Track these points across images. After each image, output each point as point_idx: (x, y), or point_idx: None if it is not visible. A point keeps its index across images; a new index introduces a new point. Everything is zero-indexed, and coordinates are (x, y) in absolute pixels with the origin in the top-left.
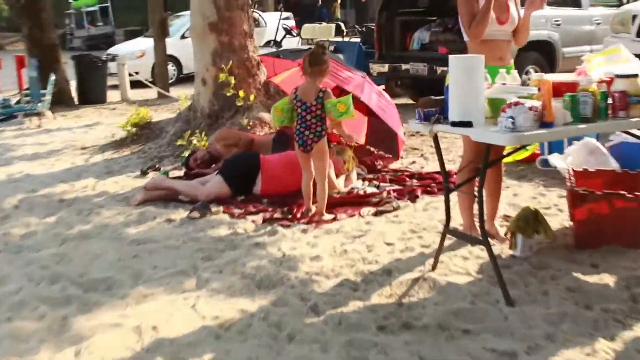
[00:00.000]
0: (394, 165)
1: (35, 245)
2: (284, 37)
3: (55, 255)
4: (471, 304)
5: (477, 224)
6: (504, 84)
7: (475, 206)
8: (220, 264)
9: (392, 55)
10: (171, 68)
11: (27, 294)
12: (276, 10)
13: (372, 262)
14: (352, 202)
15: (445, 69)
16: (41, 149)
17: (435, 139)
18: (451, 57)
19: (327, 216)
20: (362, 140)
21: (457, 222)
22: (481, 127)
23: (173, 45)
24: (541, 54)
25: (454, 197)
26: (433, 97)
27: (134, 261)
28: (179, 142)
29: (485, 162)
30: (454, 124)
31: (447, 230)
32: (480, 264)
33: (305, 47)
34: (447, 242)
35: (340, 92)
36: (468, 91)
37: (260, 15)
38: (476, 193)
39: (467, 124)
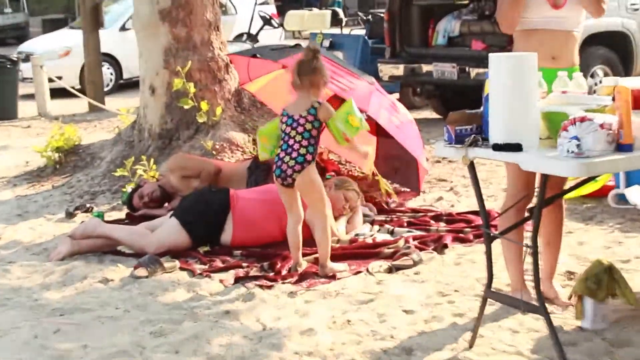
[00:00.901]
0: (414, 203)
1: None
2: (261, 28)
3: None
4: None
5: (530, 284)
6: (564, 92)
7: (528, 259)
8: (177, 342)
9: (409, 53)
10: (107, 71)
11: None
12: None
13: (385, 338)
14: (357, 254)
15: (482, 71)
16: None
17: (471, 167)
18: (492, 55)
19: (338, 266)
20: (368, 168)
21: (501, 281)
22: (534, 152)
23: (109, 40)
24: (613, 50)
25: (497, 246)
26: (467, 111)
27: (55, 338)
28: (119, 173)
29: (540, 199)
30: (497, 147)
31: (488, 292)
32: (534, 340)
33: (291, 42)
34: (488, 309)
35: (340, 103)
36: (516, 102)
37: None
38: (528, 242)
39: (515, 148)
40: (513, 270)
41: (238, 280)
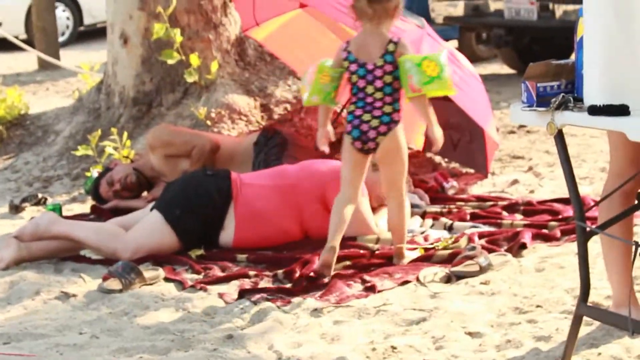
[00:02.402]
0: (480, 188)
1: None
2: None
3: None
4: None
5: None
6: None
7: (639, 264)
8: None
9: None
10: (62, 14)
11: None
12: None
13: None
14: None
15: (572, 8)
16: None
17: (559, 138)
18: None
19: (409, 254)
20: (418, 143)
21: (601, 293)
22: None
23: None
24: None
25: (594, 246)
26: (553, 62)
27: None
28: (81, 152)
29: None
30: (595, 110)
31: (583, 308)
32: None
33: None
34: (583, 331)
35: None
36: (621, 49)
37: None
38: (639, 239)
39: (620, 111)
40: (617, 277)
41: (243, 294)
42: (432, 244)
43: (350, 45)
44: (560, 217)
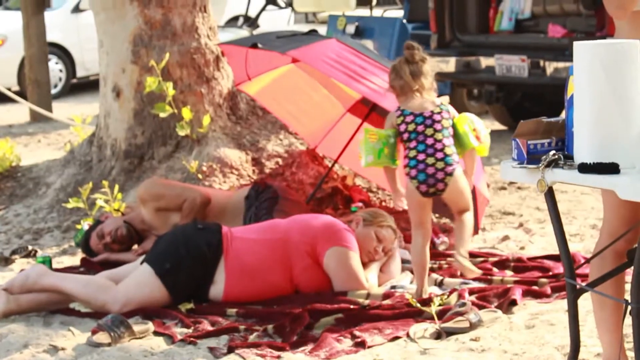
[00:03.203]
0: (471, 244)
1: None
2: (263, 9)
3: None
4: None
5: (631, 354)
6: None
7: (629, 322)
8: None
9: (462, 42)
10: (55, 67)
11: None
12: None
13: None
14: (394, 314)
15: (562, 66)
16: None
17: (550, 195)
18: (577, 44)
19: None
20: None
21: (592, 350)
22: (636, 175)
23: (58, 25)
24: None
25: (585, 303)
26: (544, 119)
27: None
28: (72, 204)
29: None
30: (585, 168)
31: None
32: None
33: (304, 28)
34: None
35: (369, 110)
36: (611, 107)
37: None
38: (629, 297)
39: (610, 169)
40: (608, 335)
41: (233, 348)
42: (426, 301)
43: (402, 106)
44: (550, 273)
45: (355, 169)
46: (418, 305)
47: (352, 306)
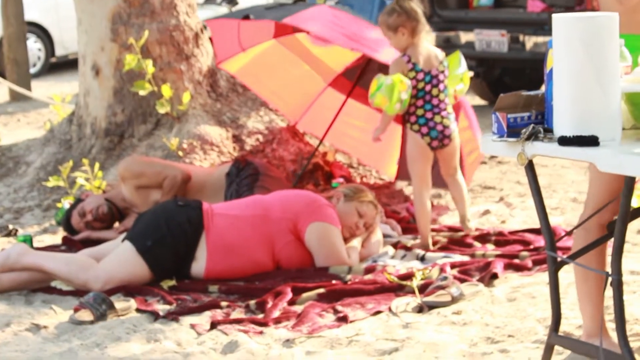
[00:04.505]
0: (451, 218)
1: None
2: None
3: None
4: None
5: (611, 327)
6: None
7: (609, 294)
8: None
9: (442, 17)
10: (34, 45)
11: None
12: None
13: None
14: (376, 288)
15: (542, 40)
16: None
17: (530, 169)
18: (556, 17)
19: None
20: (391, 172)
21: (572, 322)
22: (615, 147)
23: (37, 4)
24: None
25: (566, 276)
26: (523, 93)
27: None
28: (52, 183)
29: (624, 211)
30: (565, 141)
31: (554, 338)
32: None
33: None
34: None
35: (353, 84)
36: (590, 81)
37: None
38: (609, 269)
39: (589, 141)
40: (590, 308)
41: (215, 325)
42: (408, 276)
43: (414, 59)
44: (531, 247)
45: (337, 145)
46: (397, 280)
47: (334, 281)
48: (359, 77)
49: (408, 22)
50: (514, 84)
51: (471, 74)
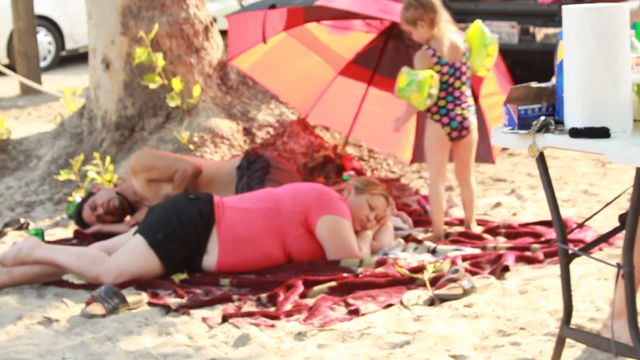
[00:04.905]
0: (461, 211)
1: None
2: None
3: None
4: None
5: (623, 318)
6: None
7: (621, 286)
8: None
9: (451, 9)
10: (44, 39)
11: None
12: None
13: None
14: (387, 281)
15: (552, 31)
16: None
17: (541, 161)
18: (566, 8)
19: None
20: (406, 155)
21: (584, 314)
22: (626, 139)
23: None
24: None
25: (577, 268)
26: (534, 84)
27: None
28: (63, 176)
29: (636, 203)
30: (576, 132)
31: (566, 330)
32: None
33: None
34: (567, 352)
35: (372, 73)
36: (601, 72)
37: None
38: (620, 261)
39: (601, 133)
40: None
41: (227, 318)
42: (419, 269)
43: (439, 51)
44: (542, 239)
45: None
46: (408, 273)
47: (345, 274)
48: (376, 66)
49: (425, 15)
50: (524, 75)
51: (496, 37)
